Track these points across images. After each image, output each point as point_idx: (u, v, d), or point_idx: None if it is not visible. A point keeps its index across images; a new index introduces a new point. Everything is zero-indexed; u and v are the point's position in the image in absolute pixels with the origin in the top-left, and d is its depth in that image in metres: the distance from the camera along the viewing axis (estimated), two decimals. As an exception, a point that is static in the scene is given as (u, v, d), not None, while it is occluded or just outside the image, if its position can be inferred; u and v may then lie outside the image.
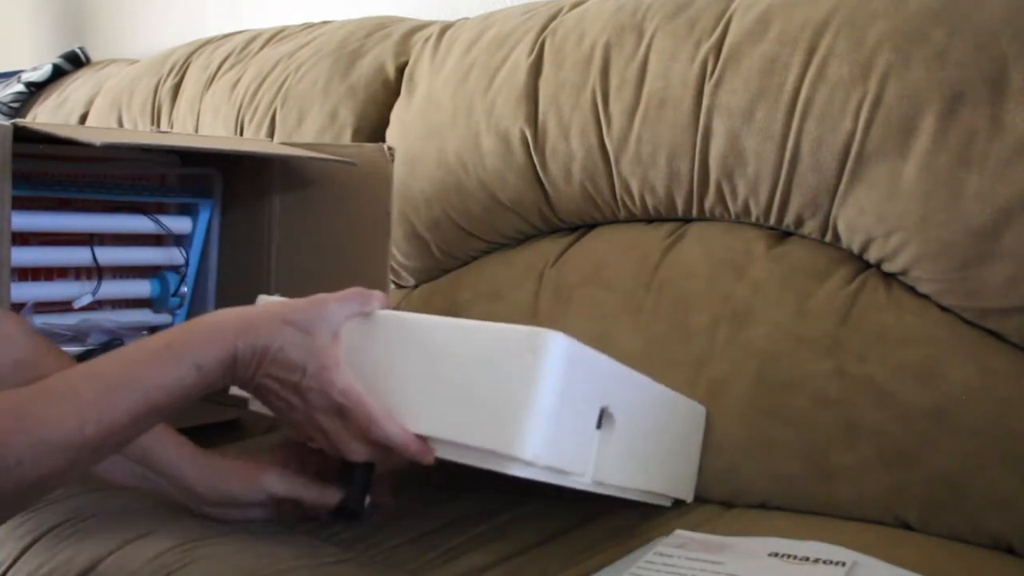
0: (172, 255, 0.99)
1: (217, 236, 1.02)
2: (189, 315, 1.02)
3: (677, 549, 0.68)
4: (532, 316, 0.99)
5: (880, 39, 0.81)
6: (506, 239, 1.08)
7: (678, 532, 0.73)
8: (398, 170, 1.03)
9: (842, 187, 0.83)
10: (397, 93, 1.17)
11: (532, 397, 0.57)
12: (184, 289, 0.99)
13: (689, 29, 0.92)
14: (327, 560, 0.67)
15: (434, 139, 1.08)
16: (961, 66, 0.77)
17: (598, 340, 0.93)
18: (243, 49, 1.42)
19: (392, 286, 1.16)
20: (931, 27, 0.79)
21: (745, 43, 0.88)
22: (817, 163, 0.84)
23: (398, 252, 1.13)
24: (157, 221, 0.95)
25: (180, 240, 1.00)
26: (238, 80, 1.35)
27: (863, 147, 0.81)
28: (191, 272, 1.00)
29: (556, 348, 0.58)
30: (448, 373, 0.61)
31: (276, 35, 1.42)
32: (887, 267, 0.83)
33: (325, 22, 1.39)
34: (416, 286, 1.15)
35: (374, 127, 1.18)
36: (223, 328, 0.62)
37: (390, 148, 0.95)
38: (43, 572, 0.70)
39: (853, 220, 0.83)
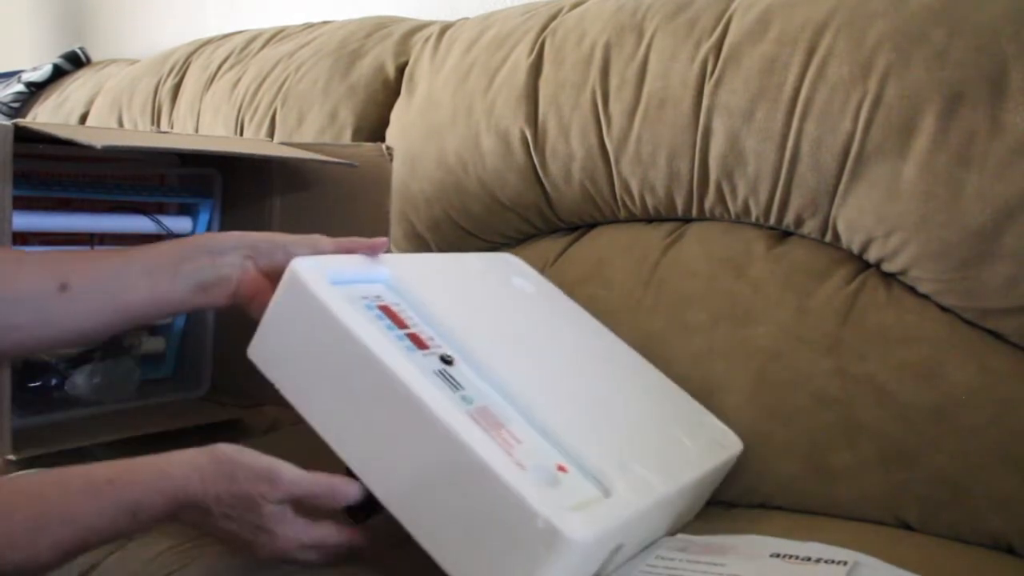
0: (172, 255, 0.99)
1: (217, 236, 1.02)
2: (188, 315, 1.02)
3: (679, 552, 0.68)
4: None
5: (880, 39, 0.81)
6: (506, 239, 1.08)
7: (679, 535, 0.73)
8: (398, 170, 1.03)
9: (842, 187, 0.83)
10: (397, 93, 1.17)
11: None
12: (184, 289, 0.99)
13: (689, 29, 0.92)
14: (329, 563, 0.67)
15: (434, 139, 1.07)
16: (961, 66, 0.77)
17: (598, 340, 0.94)
18: (243, 49, 1.42)
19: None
20: (931, 27, 0.79)
21: (745, 43, 0.88)
22: (817, 163, 0.84)
23: (398, 252, 1.13)
24: (157, 221, 0.95)
25: (180, 240, 1.00)
26: (238, 80, 1.35)
27: (863, 147, 0.81)
28: (191, 272, 1.00)
29: (573, 551, 0.53)
30: (458, 501, 0.56)
31: (276, 35, 1.42)
32: (887, 267, 0.83)
33: (325, 22, 1.39)
34: (416, 286, 1.15)
35: (374, 127, 1.18)
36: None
37: (388, 148, 0.95)
38: (43, 572, 0.70)
39: (853, 220, 0.83)
